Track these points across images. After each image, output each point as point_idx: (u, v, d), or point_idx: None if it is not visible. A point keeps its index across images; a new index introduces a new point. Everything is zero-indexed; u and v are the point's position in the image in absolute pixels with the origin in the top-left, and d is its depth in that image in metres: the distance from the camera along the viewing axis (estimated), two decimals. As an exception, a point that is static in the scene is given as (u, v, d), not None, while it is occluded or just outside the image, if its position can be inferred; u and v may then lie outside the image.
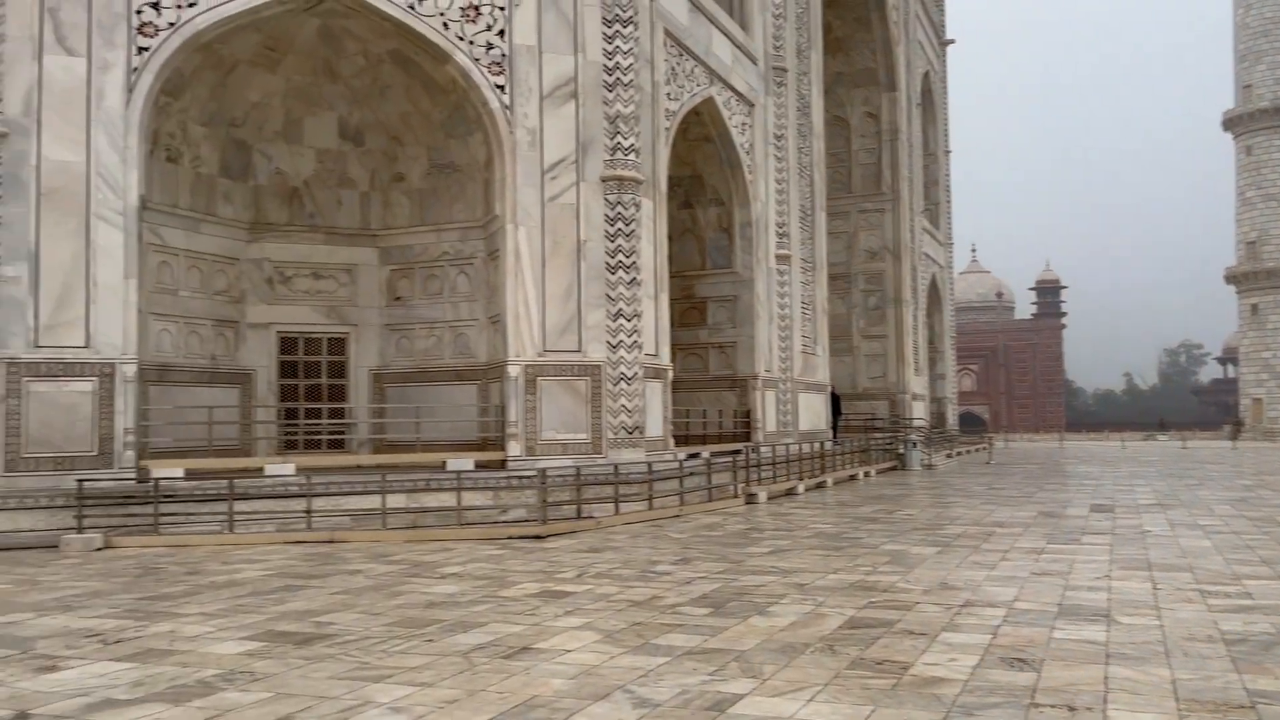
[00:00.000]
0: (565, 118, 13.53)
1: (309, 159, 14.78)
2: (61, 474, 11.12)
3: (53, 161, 11.36)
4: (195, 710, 4.40)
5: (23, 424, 11.08)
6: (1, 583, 8.24)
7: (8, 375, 11.02)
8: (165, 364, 13.04)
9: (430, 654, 5.37)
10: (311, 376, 14.83)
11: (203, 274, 13.77)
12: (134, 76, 11.73)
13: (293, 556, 9.59)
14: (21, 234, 11.18)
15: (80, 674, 5.09)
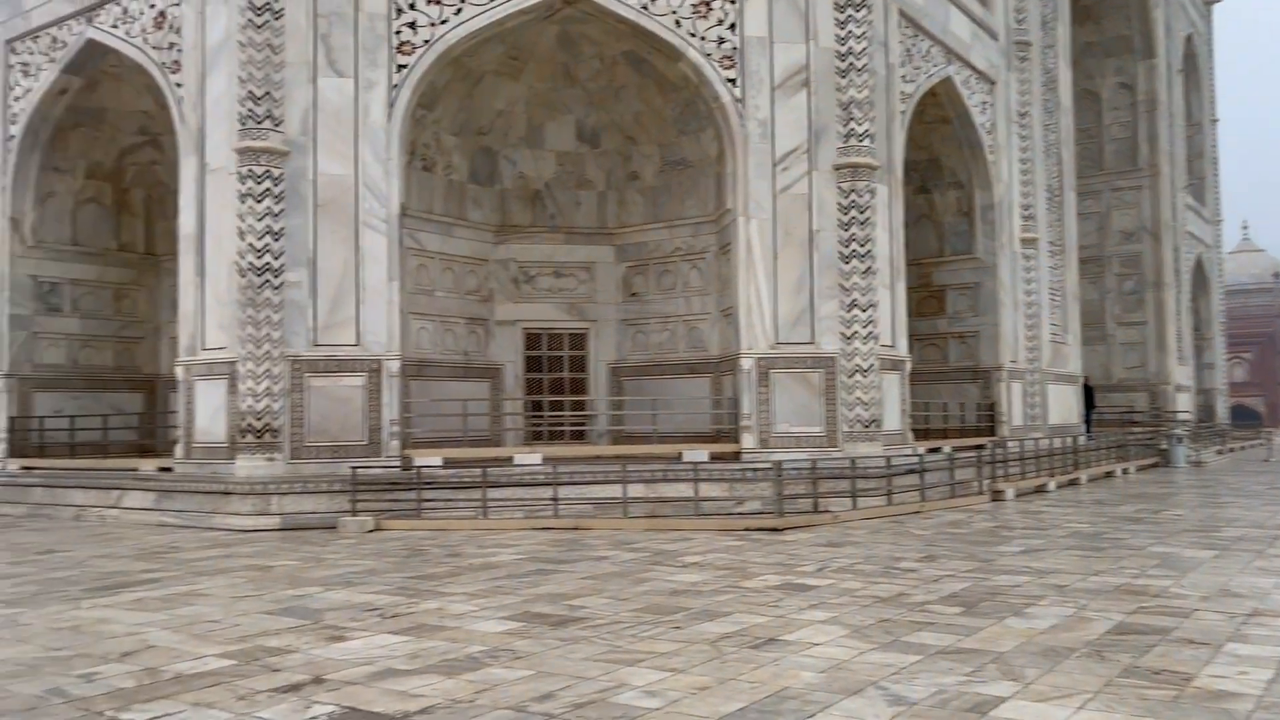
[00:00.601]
0: (797, 107, 13.40)
1: (549, 162, 15.42)
2: (338, 461, 12.16)
3: (327, 175, 12.43)
4: (466, 683, 4.69)
5: (305, 416, 12.20)
6: (291, 559, 9.12)
7: (292, 371, 12.17)
8: (424, 360, 13.98)
9: (679, 641, 5.48)
10: (554, 370, 15.48)
11: (455, 275, 14.66)
12: (394, 93, 12.64)
13: (541, 542, 10.04)
14: (301, 242, 12.30)
15: (364, 644, 5.55)
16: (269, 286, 12.11)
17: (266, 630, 5.95)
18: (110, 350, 16.83)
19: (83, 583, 7.95)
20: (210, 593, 7.33)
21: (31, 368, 15.60)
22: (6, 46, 15.45)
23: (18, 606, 6.92)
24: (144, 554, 9.66)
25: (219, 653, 5.38)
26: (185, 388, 12.85)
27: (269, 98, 12.20)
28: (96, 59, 14.60)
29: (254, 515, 11.50)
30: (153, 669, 5.05)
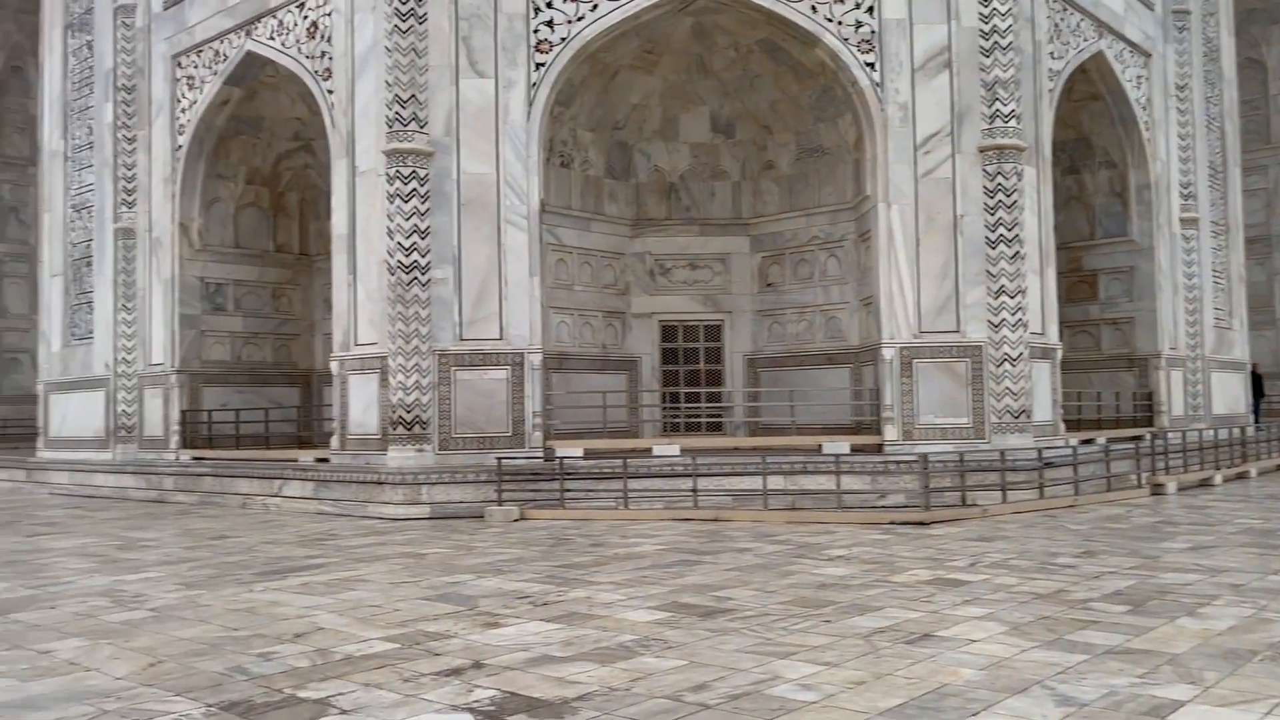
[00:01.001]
0: (938, 89, 13.02)
1: (684, 154, 15.44)
2: (483, 453, 12.50)
3: (469, 174, 12.77)
4: (620, 671, 4.76)
5: (452, 408, 12.59)
6: (443, 547, 9.43)
7: (439, 365, 12.57)
8: (563, 353, 14.22)
9: (830, 634, 5.42)
10: (690, 362, 15.51)
11: (593, 269, 14.85)
12: (533, 91, 12.88)
13: (682, 533, 10.09)
14: (447, 240, 12.68)
15: (518, 631, 5.69)
16: (417, 284, 12.53)
17: (425, 615, 6.17)
18: (269, 346, 17.74)
19: (253, 567, 8.41)
20: (370, 578, 7.65)
21: (200, 364, 16.58)
22: (173, 62, 16.43)
23: (197, 589, 7.38)
24: (306, 540, 10.15)
25: (383, 636, 5.61)
26: (340, 382, 13.43)
27: (414, 100, 12.61)
28: (255, 70, 15.38)
29: (405, 504, 11.94)
30: (324, 650, 5.31)
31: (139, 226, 16.89)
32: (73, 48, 18.92)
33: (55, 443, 18.78)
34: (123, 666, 5.06)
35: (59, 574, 8.29)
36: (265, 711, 4.23)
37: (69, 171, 18.89)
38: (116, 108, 17.23)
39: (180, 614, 6.40)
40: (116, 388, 17.08)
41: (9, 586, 7.68)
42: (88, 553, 9.65)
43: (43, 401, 19.35)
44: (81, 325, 18.48)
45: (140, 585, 7.57)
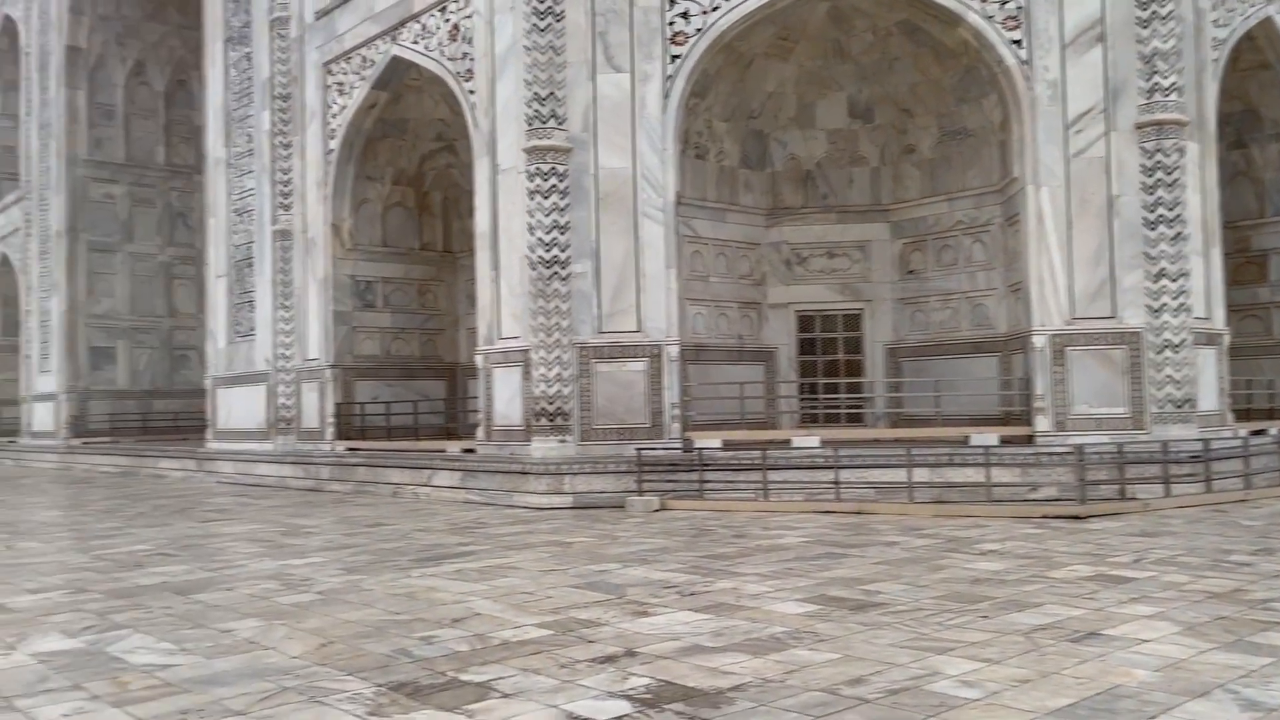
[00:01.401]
0: (1090, 64, 12.43)
1: (820, 141, 15.22)
2: (623, 443, 12.65)
3: (607, 169, 12.91)
4: (773, 663, 4.74)
5: (592, 400, 12.78)
6: (587, 536, 9.59)
7: (580, 358, 12.78)
8: (700, 344, 14.23)
9: (989, 631, 5.26)
10: (828, 352, 15.30)
11: (728, 260, 14.81)
12: (668, 84, 12.92)
13: (825, 525, 9.97)
14: (585, 235, 12.87)
15: (668, 620, 5.74)
16: (557, 278, 12.76)
17: (576, 603, 6.29)
18: (416, 341, 18.37)
19: (409, 554, 8.74)
20: (520, 566, 7.84)
21: (352, 358, 17.30)
22: (324, 69, 17.17)
23: (359, 574, 7.71)
24: (456, 529, 10.48)
25: (537, 623, 5.75)
26: (484, 375, 13.80)
27: (553, 98, 12.83)
28: (400, 74, 15.92)
29: (549, 494, 12.19)
30: (481, 635, 5.47)
31: (295, 228, 17.73)
32: (233, 60, 20.00)
33: (222, 434, 19.94)
34: (297, 646, 5.33)
35: (232, 558, 8.81)
36: (430, 693, 4.39)
37: (231, 177, 19.98)
38: (273, 115, 18.13)
39: (345, 598, 6.70)
40: (276, 382, 18.01)
41: (189, 569, 8.20)
42: (256, 538, 10.21)
43: (210, 395, 20.56)
44: (244, 323, 19.54)
45: (306, 570, 7.97)
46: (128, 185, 27.74)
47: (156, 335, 28.00)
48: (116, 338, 27.43)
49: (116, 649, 5.40)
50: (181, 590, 7.16)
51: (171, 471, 20.79)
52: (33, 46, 29.11)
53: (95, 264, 27.20)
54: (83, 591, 7.26)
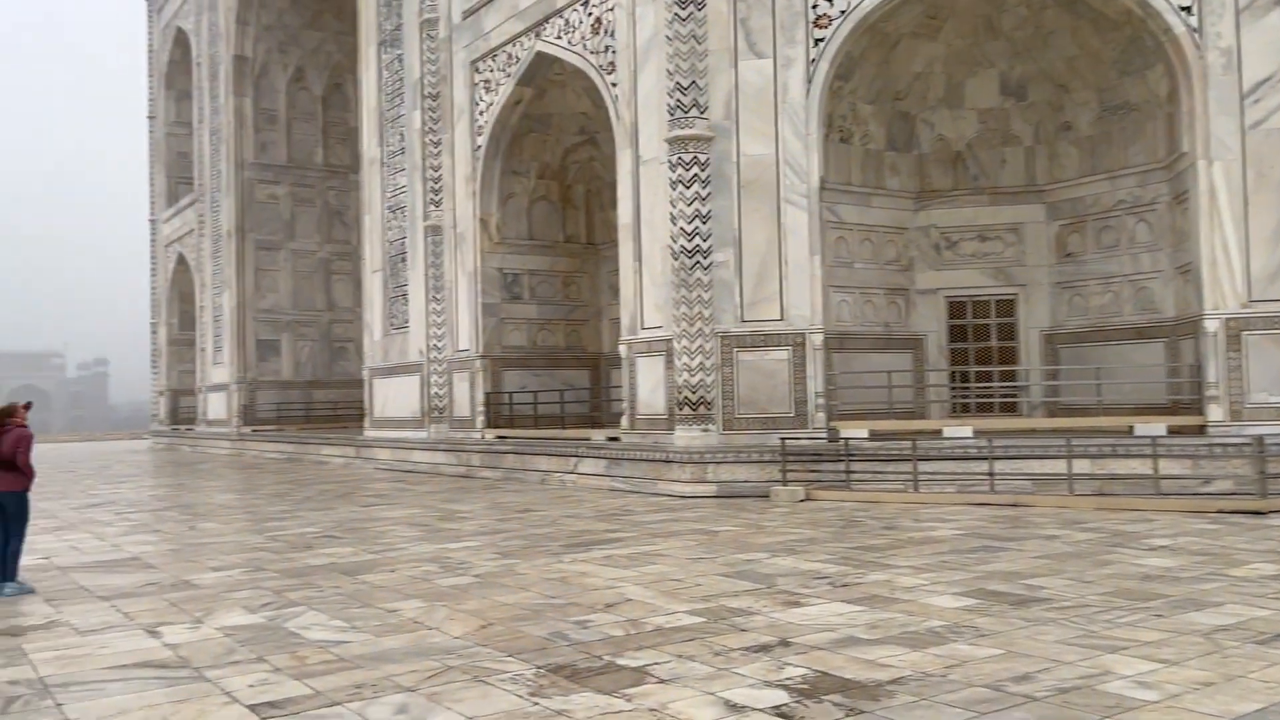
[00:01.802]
0: (1269, 29, 11.59)
1: (970, 121, 14.71)
2: (766, 433, 12.58)
3: (748, 156, 12.83)
4: (932, 657, 4.63)
5: (735, 389, 12.75)
6: (733, 525, 9.58)
7: (722, 347, 12.76)
8: (844, 332, 14.00)
9: (1163, 630, 5.01)
10: (980, 339, 14.80)
11: (874, 245, 14.50)
12: (812, 68, 12.73)
13: (979, 518, 9.67)
14: (727, 223, 12.83)
15: (820, 611, 5.68)
16: (699, 267, 12.77)
17: (726, 591, 6.30)
18: (561, 332, 18.72)
19: (559, 539, 8.93)
20: (668, 553, 7.91)
21: (500, 349, 17.77)
22: (471, 68, 17.65)
23: (513, 558, 7.93)
24: (603, 515, 10.65)
25: (688, 610, 5.78)
26: (628, 364, 13.95)
27: (694, 87, 12.83)
28: (544, 69, 16.22)
29: (692, 483, 12.23)
30: (635, 620, 5.55)
31: (445, 223, 18.31)
32: (385, 62, 20.78)
33: (379, 422, 20.80)
34: (458, 627, 5.52)
35: (393, 541, 9.19)
36: (589, 676, 4.48)
37: (384, 176, 20.78)
38: (423, 114, 18.75)
39: (501, 581, 6.90)
40: (429, 372, 18.66)
41: (354, 551, 8.60)
42: (414, 522, 10.62)
43: (367, 385, 21.48)
44: (398, 315, 20.32)
45: (463, 553, 8.24)
46: (289, 186, 29.21)
47: (316, 328, 29.41)
48: (280, 331, 28.96)
49: (293, 625, 5.71)
50: (348, 571, 7.52)
51: (332, 458, 21.83)
52: (203, 57, 30.98)
53: (261, 261, 28.78)
54: (260, 570, 7.71)
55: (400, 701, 4.17)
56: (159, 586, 7.11)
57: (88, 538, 10.09)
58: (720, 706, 4.00)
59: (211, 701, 4.25)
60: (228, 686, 4.47)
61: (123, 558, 8.63)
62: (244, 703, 4.22)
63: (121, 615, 6.12)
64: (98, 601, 6.60)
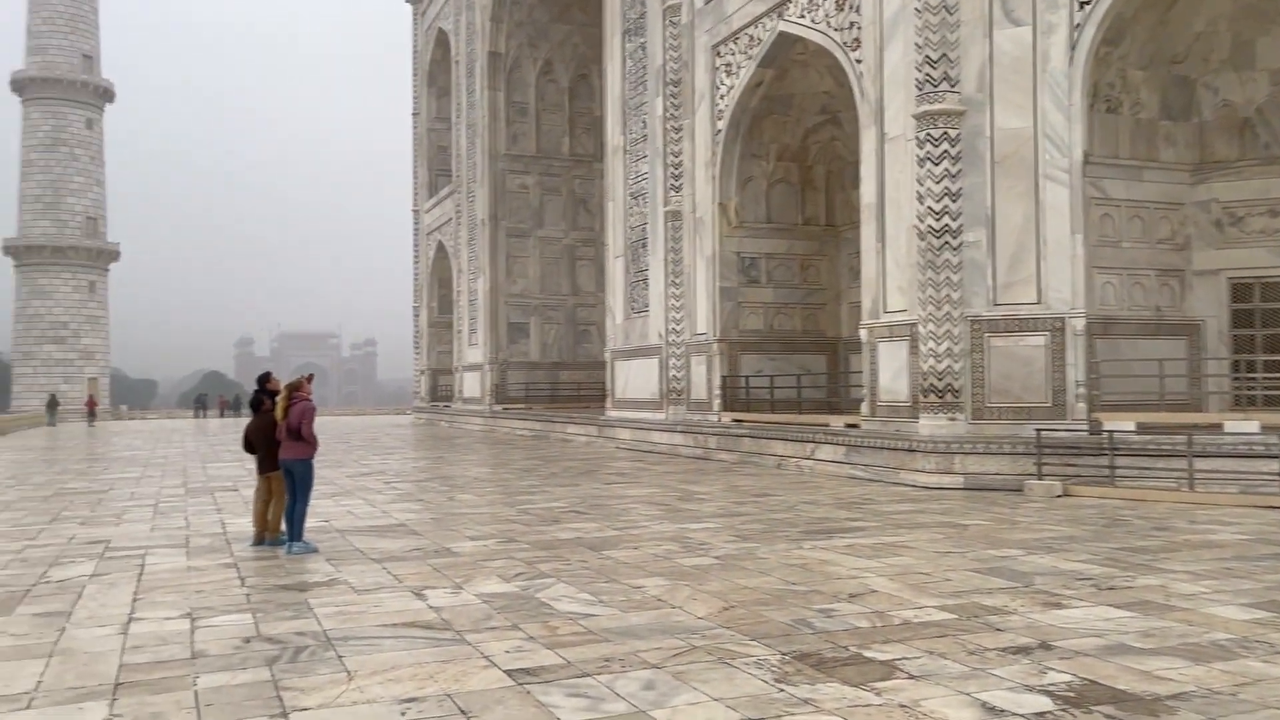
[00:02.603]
0: None
1: (1261, 83, 13.23)
2: (1019, 423, 11.90)
3: (1003, 130, 12.14)
4: (1219, 672, 4.21)
5: (985, 376, 12.13)
6: (982, 519, 9.13)
7: (971, 331, 12.17)
8: (1108, 317, 12.97)
9: None
10: (1270, 326, 13.32)
11: (1144, 223, 13.35)
12: (1075, 33, 11.86)
13: (1267, 522, 8.73)
14: (979, 201, 12.20)
15: (1084, 614, 5.30)
16: (947, 248, 12.23)
17: (978, 588, 6.00)
18: (798, 316, 18.51)
19: (798, 525, 8.83)
20: (913, 545, 7.64)
21: (737, 333, 17.80)
22: (712, 52, 17.70)
23: (752, 542, 7.91)
24: (842, 503, 10.43)
25: (937, 605, 5.55)
26: (869, 349, 13.59)
27: (944, 59, 12.27)
28: (785, 49, 16.03)
29: (937, 473, 11.76)
30: (881, 612, 5.38)
31: (684, 209, 18.51)
32: (629, 50, 21.22)
33: (619, 403, 21.39)
34: (701, 607, 5.56)
35: (635, 519, 9.40)
36: (835, 666, 4.39)
37: (627, 163, 21.27)
38: (665, 101, 19.02)
39: (741, 564, 6.90)
40: (668, 355, 18.97)
41: (599, 527, 8.87)
42: (654, 501, 10.83)
43: (610, 367, 22.13)
44: (639, 299, 20.78)
45: (702, 534, 8.31)
46: (538, 175, 30.51)
47: (562, 312, 30.60)
48: (529, 314, 30.35)
49: (544, 595, 5.95)
50: (594, 546, 7.76)
51: (576, 436, 22.66)
52: (461, 55, 32.84)
53: (512, 248, 30.25)
54: (512, 541, 8.10)
55: (647, 678, 4.24)
56: (423, 552, 7.61)
57: (361, 504, 10.97)
58: (977, 709, 3.80)
59: (472, 664, 4.49)
60: (486, 651, 4.70)
61: (391, 524, 9.31)
62: (501, 667, 4.43)
63: (391, 577, 6.60)
64: (371, 563, 7.15)
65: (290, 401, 7.76)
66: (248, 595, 6.08)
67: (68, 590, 6.32)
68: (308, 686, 4.17)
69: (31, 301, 54.57)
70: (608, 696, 4.00)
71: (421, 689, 4.12)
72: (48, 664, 4.59)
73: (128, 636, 5.08)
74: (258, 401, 8.26)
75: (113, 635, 5.11)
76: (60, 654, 4.76)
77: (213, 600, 5.95)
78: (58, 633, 5.18)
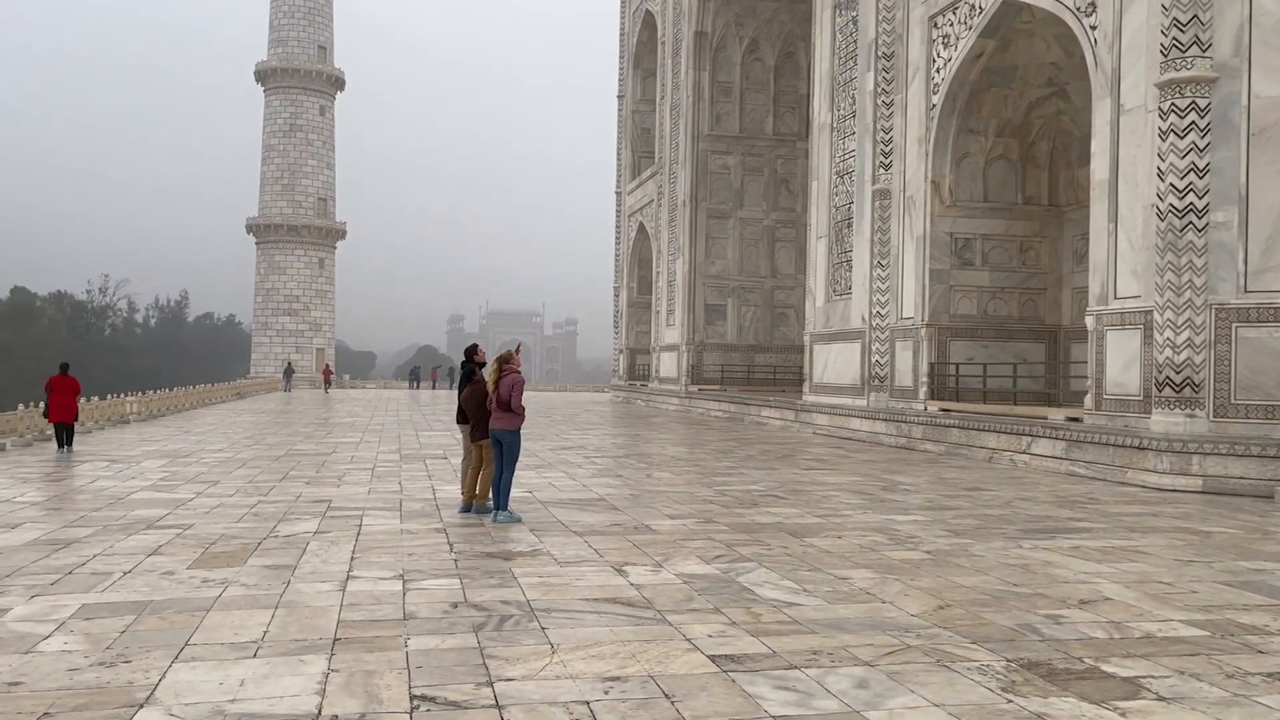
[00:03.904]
0: None
1: None
2: (1271, 423, 10.75)
3: (1263, 99, 10.93)
4: None
5: (1231, 370, 11.01)
6: (1228, 526, 8.27)
7: (1217, 321, 11.07)
8: (1384, 308, 11.49)
9: None
10: None
11: None
12: (1356, -14, 10.50)
13: None
14: (1231, 178, 11.05)
15: (1366, 643, 4.63)
16: (1191, 229, 11.16)
17: (1231, 603, 5.38)
18: (1015, 301, 17.48)
19: (1016, 522, 8.27)
20: (1148, 551, 6.98)
21: (948, 318, 16.98)
22: (929, 24, 16.88)
23: (965, 538, 7.45)
24: (1063, 501, 9.72)
25: (1184, 619, 5.00)
26: (1095, 338, 12.62)
27: (1195, 22, 11.16)
28: (1010, 18, 15.06)
29: (1171, 474, 10.79)
30: (1118, 623, 4.90)
31: (894, 187, 17.81)
32: (839, 25, 20.59)
33: (818, 388, 20.91)
34: (914, 604, 5.24)
35: (836, 506, 9.08)
36: (1068, 679, 3.99)
37: (834, 141, 20.67)
38: (876, 75, 18.33)
39: (955, 560, 6.49)
40: (871, 340, 18.35)
41: (799, 513, 8.61)
42: (855, 490, 10.45)
43: (808, 351, 21.67)
44: (841, 282, 20.21)
45: (910, 527, 7.91)
46: (740, 156, 30.22)
47: (759, 294, 30.27)
48: (726, 296, 30.19)
49: (745, 580, 5.78)
50: (794, 532, 7.52)
51: (771, 420, 22.36)
52: (668, 36, 32.94)
53: (711, 229, 30.15)
54: (710, 522, 7.97)
55: (860, 675, 3.99)
56: (623, 528, 7.60)
57: (562, 477, 11.15)
58: (1244, 743, 3.35)
59: (675, 645, 4.37)
60: (689, 633, 4.58)
61: (591, 498, 9.38)
62: (705, 651, 4.29)
63: (593, 551, 6.60)
64: (572, 536, 7.20)
65: (500, 374, 7.91)
66: (455, 561, 6.22)
67: (293, 546, 6.67)
68: (512, 656, 4.17)
69: (269, 276, 59.26)
70: (817, 692, 3.79)
71: (624, 668, 4.03)
72: (273, 615, 4.81)
73: (345, 594, 5.27)
74: (469, 373, 8.48)
75: (332, 591, 5.32)
76: (285, 606, 4.98)
77: (423, 564, 6.11)
78: (283, 585, 5.45)
